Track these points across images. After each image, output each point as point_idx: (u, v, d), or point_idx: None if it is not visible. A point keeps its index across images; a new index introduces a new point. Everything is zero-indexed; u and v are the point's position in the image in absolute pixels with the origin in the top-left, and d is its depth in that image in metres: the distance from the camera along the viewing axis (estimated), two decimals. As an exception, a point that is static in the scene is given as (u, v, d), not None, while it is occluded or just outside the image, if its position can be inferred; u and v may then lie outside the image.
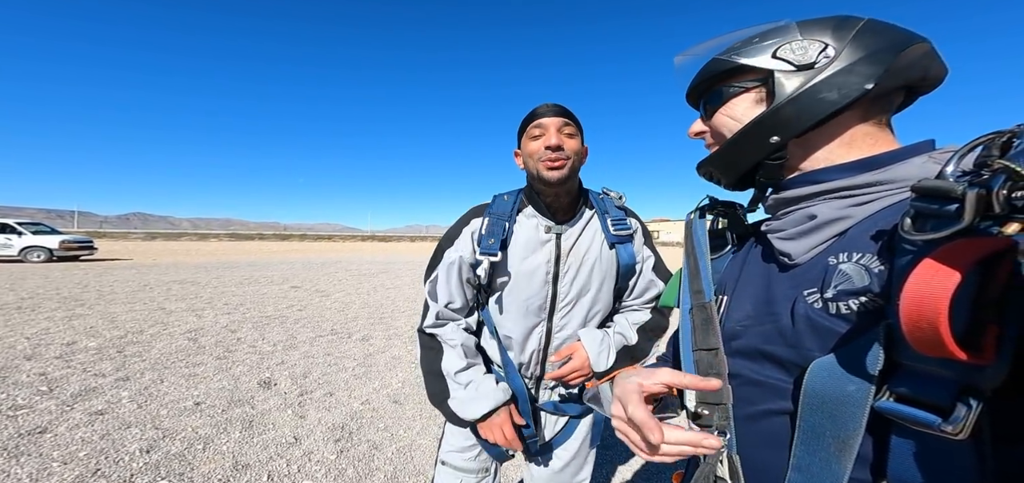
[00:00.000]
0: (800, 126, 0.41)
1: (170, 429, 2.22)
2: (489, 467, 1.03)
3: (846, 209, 0.40)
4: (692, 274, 0.56)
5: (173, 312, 5.33)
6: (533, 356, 0.94)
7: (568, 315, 0.92)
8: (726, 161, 0.48)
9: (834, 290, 0.37)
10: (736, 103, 0.46)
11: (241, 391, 2.79)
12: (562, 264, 0.91)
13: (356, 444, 2.18)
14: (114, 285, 7.62)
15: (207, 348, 3.77)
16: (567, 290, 0.92)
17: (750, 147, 0.44)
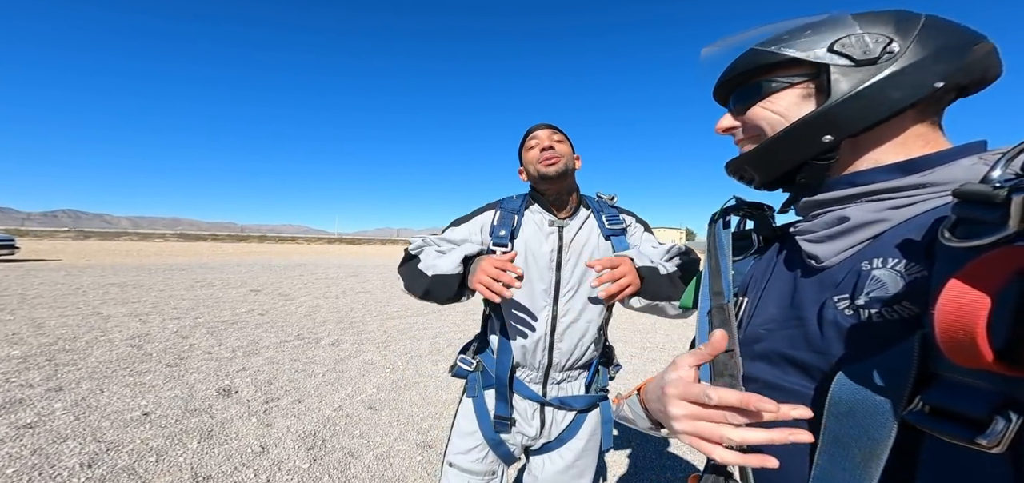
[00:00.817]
0: (859, 124, 0.39)
1: (115, 441, 2.01)
2: (496, 469, 1.04)
3: (883, 212, 0.38)
4: (713, 274, 0.54)
5: (112, 317, 4.83)
6: (541, 342, 0.98)
7: (571, 300, 0.99)
8: (767, 159, 0.45)
9: (866, 297, 0.35)
10: (780, 98, 0.43)
11: (197, 400, 2.58)
12: (565, 253, 1.00)
13: (330, 452, 2.08)
14: (40, 288, 6.79)
15: (155, 355, 3.45)
16: (569, 276, 0.99)
17: (799, 145, 0.41)
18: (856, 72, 0.38)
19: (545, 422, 1.03)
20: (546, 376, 1.01)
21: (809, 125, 0.40)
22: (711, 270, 0.55)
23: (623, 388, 2.99)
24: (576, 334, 0.99)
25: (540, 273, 0.99)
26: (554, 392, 1.02)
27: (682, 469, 2.14)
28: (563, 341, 0.99)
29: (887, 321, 0.34)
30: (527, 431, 1.03)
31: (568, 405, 1.02)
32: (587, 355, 1.03)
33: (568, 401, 1.02)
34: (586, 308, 1.00)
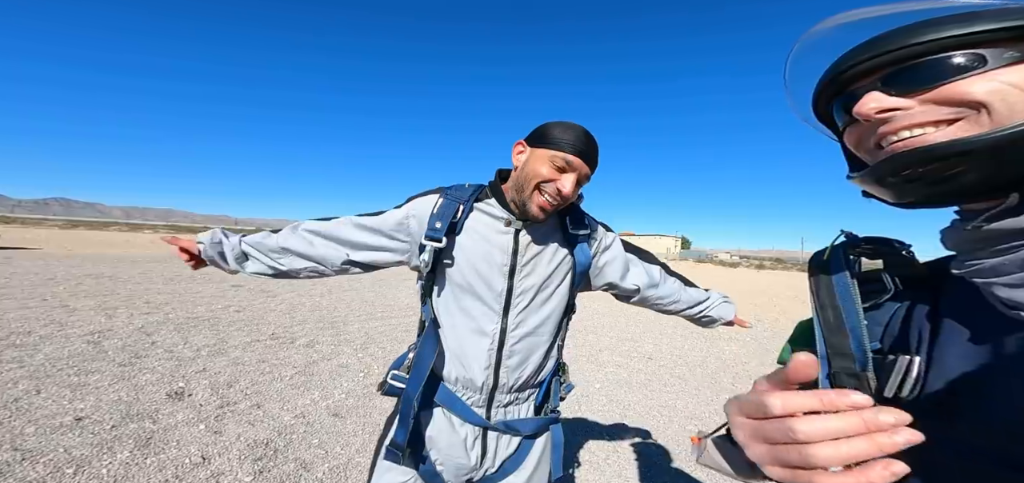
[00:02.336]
0: None
1: (34, 449, 1.79)
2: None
3: None
4: (830, 329, 0.43)
5: (77, 311, 4.60)
6: (485, 357, 0.84)
7: (524, 311, 0.85)
8: (1015, 151, 0.34)
9: None
10: (1015, 71, 0.33)
11: (142, 403, 2.36)
12: (520, 257, 0.85)
13: (280, 463, 1.89)
14: (11, 278, 6.51)
15: (110, 353, 3.23)
16: (524, 285, 0.85)
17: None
18: None
19: (487, 450, 0.87)
20: (491, 398, 0.86)
21: None
22: (829, 326, 0.44)
23: (585, 407, 2.78)
24: (527, 350, 0.86)
25: (488, 279, 0.84)
26: (500, 415, 0.87)
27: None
28: (512, 358, 0.85)
29: None
30: (461, 462, 0.86)
31: (514, 430, 0.87)
32: (539, 374, 0.89)
33: (515, 425, 0.87)
34: (542, 321, 0.86)
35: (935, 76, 0.35)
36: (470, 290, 0.84)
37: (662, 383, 3.68)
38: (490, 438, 0.87)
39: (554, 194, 0.78)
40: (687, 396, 3.40)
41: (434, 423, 0.87)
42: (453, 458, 0.86)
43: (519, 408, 0.89)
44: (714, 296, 1.13)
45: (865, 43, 0.38)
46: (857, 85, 0.39)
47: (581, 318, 6.52)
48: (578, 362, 4.10)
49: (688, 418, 2.94)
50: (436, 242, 0.82)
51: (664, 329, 6.14)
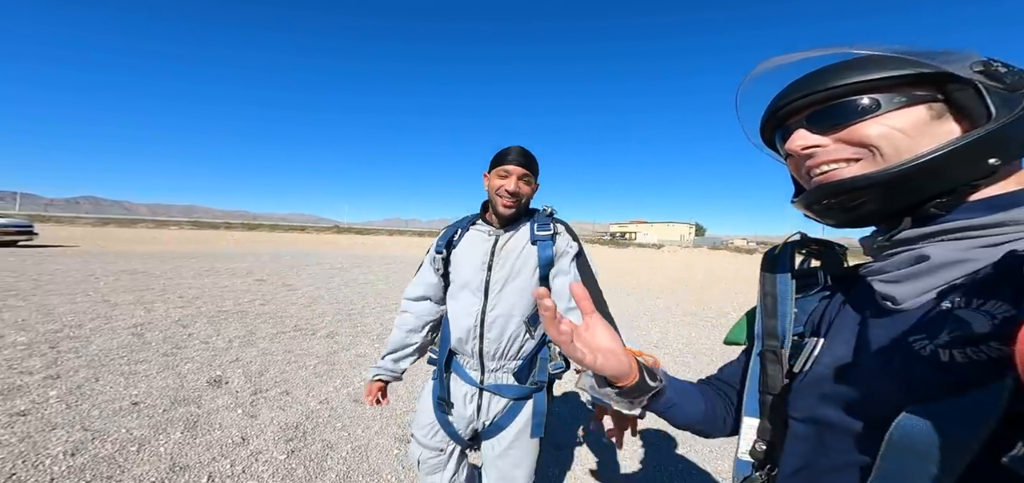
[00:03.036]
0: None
1: (101, 431, 2.07)
2: (445, 447, 1.20)
3: (969, 251, 0.37)
4: (767, 314, 0.53)
5: (118, 305, 4.98)
6: (472, 331, 1.13)
7: (499, 295, 1.12)
8: (905, 184, 0.39)
9: (948, 336, 0.34)
10: (903, 115, 0.39)
11: (187, 390, 2.64)
12: (496, 257, 1.14)
13: (309, 444, 2.12)
14: (54, 274, 7.03)
15: (153, 344, 3.54)
16: (498, 276, 1.13)
17: (956, 168, 0.38)
18: (1009, 97, 0.37)
19: (481, 407, 1.15)
20: (482, 364, 1.14)
21: (978, 146, 0.37)
22: (766, 310, 0.53)
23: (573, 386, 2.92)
24: (502, 325, 1.11)
25: (473, 273, 1.15)
26: (490, 380, 1.14)
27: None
28: (491, 331, 1.12)
29: (972, 362, 0.32)
30: (463, 413, 1.16)
31: (500, 392, 1.14)
32: (516, 346, 1.13)
33: (500, 389, 1.14)
34: (514, 304, 1.11)
35: (844, 117, 0.41)
36: (463, 283, 1.16)
37: (667, 369, 3.80)
38: (484, 398, 1.15)
39: (506, 194, 1.11)
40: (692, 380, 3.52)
41: (451, 386, 1.19)
42: (460, 412, 1.16)
43: (505, 375, 1.14)
44: None
45: (793, 84, 0.45)
46: (790, 121, 0.46)
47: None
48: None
49: None
50: (438, 254, 1.21)
51: (671, 319, 6.22)
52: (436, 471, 1.20)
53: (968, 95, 0.38)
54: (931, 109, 0.39)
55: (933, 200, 0.40)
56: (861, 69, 0.40)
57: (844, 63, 0.41)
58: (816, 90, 0.42)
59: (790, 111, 0.45)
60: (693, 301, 8.00)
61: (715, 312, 6.89)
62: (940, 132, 0.39)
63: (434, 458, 1.19)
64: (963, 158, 0.38)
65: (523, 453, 1.13)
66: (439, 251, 1.20)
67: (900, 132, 0.39)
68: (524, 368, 1.11)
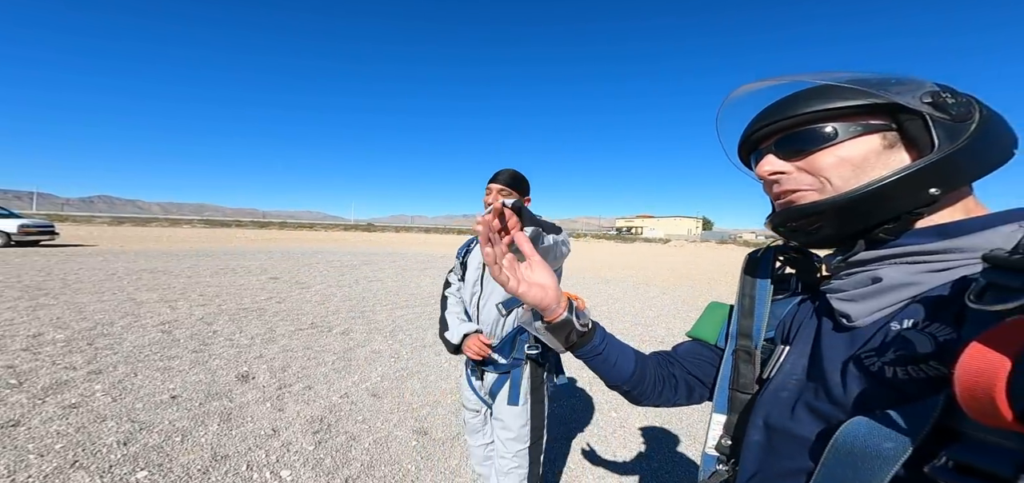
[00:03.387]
0: (965, 179, 0.39)
1: (147, 422, 2.26)
2: (479, 409, 1.55)
3: (916, 275, 0.39)
4: (743, 315, 0.55)
5: (144, 303, 5.22)
6: (474, 314, 1.46)
7: (489, 293, 1.45)
8: (850, 210, 0.42)
9: (894, 354, 0.36)
10: (853, 145, 0.41)
11: (218, 385, 2.83)
12: None
13: (334, 436, 2.28)
14: (79, 273, 7.34)
15: (182, 341, 3.75)
16: (488, 274, 1.43)
17: (899, 197, 0.40)
18: (954, 128, 0.38)
19: (483, 378, 1.48)
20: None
21: (919, 176, 0.39)
22: (743, 310, 0.55)
23: (597, 385, 3.04)
24: (487, 308, 1.42)
25: (475, 273, 1.49)
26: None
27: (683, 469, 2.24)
28: (483, 313, 1.44)
29: (913, 380, 0.35)
30: (477, 384, 1.50)
31: (490, 368, 1.45)
32: (498, 327, 1.41)
33: (495, 366, 1.43)
34: (493, 290, 1.41)
35: (806, 144, 0.44)
36: (470, 279, 1.49)
37: None
38: (485, 375, 1.47)
39: (489, 206, 1.38)
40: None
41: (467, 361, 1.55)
42: (471, 379, 1.52)
43: (495, 352, 1.41)
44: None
45: (764, 111, 0.47)
46: (762, 145, 0.48)
47: (596, 304, 6.73)
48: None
49: None
50: (459, 260, 1.58)
51: (677, 314, 6.30)
52: (476, 430, 1.58)
53: (917, 125, 0.39)
54: (884, 138, 0.41)
55: (881, 226, 0.42)
56: (822, 98, 0.42)
57: (811, 90, 0.43)
58: (783, 117, 0.44)
59: (761, 136, 0.48)
60: (700, 297, 8.06)
61: None
62: (891, 161, 0.41)
63: (473, 417, 1.56)
64: (903, 188, 0.39)
65: (511, 417, 1.38)
66: (458, 257, 1.59)
67: (848, 163, 0.42)
68: (506, 346, 1.39)
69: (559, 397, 2.91)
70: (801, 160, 0.44)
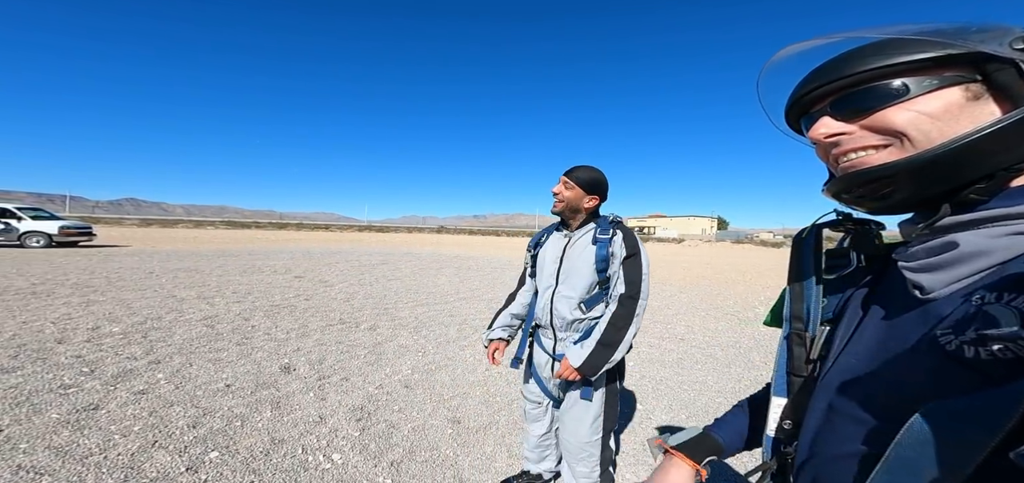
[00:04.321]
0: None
1: (209, 408, 2.48)
2: (541, 401, 1.64)
3: (1000, 240, 0.35)
4: (794, 297, 0.53)
5: (185, 300, 5.55)
6: (547, 307, 1.49)
7: (565, 282, 1.46)
8: (931, 171, 0.37)
9: (975, 332, 0.33)
10: (930, 99, 0.37)
11: (265, 375, 3.05)
12: (566, 253, 1.49)
13: (375, 423, 2.45)
14: (120, 272, 7.79)
15: (225, 335, 4.01)
16: (565, 267, 1.47)
17: (996, 152, 0.35)
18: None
19: (553, 371, 1.50)
20: (554, 334, 1.49)
21: (1013, 129, 0.35)
22: (793, 293, 0.53)
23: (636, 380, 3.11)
24: (565, 303, 1.45)
25: (551, 266, 1.51)
26: (560, 348, 1.49)
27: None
28: (559, 308, 1.46)
29: (998, 360, 0.32)
30: (546, 374, 1.55)
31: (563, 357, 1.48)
32: (577, 321, 1.44)
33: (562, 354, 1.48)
34: (574, 288, 1.44)
35: (870, 103, 0.39)
36: (543, 270, 1.53)
37: (694, 361, 3.89)
38: (556, 365, 1.49)
39: (555, 196, 1.47)
40: (717, 373, 3.58)
41: (535, 353, 1.59)
42: (545, 374, 1.55)
43: (568, 344, 1.44)
44: (589, 340, 1.39)
45: (814, 71, 0.43)
46: (815, 108, 0.44)
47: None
48: (608, 345, 4.45)
49: (718, 393, 3.13)
50: (529, 252, 1.64)
51: (696, 312, 6.33)
52: (536, 419, 1.67)
53: (1008, 74, 0.35)
54: (968, 90, 0.37)
55: (971, 186, 0.37)
56: (886, 53, 0.38)
57: (869, 46, 0.40)
58: (840, 76, 0.40)
59: (814, 98, 0.43)
60: (718, 296, 8.03)
61: (741, 305, 6.94)
62: (979, 114, 0.36)
63: (534, 408, 1.66)
64: (997, 142, 0.35)
65: (583, 410, 1.45)
66: (529, 250, 1.64)
67: (929, 117, 0.37)
68: (582, 340, 1.42)
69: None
70: (865, 119, 0.40)
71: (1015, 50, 0.35)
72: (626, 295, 1.37)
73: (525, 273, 1.68)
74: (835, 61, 0.42)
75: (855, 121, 0.41)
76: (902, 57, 0.38)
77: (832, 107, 0.42)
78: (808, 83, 0.44)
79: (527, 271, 1.67)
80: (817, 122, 0.43)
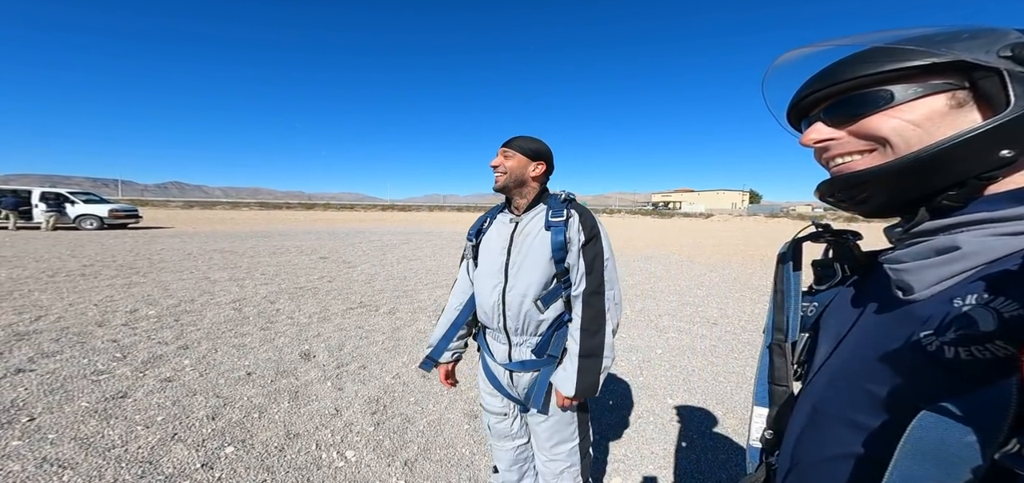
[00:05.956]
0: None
1: (229, 397, 2.49)
2: (507, 411, 1.36)
3: (990, 242, 0.36)
4: (776, 309, 0.56)
5: (217, 282, 5.76)
6: (495, 307, 1.24)
7: (516, 275, 1.22)
8: (907, 176, 0.39)
9: (955, 333, 0.34)
10: (914, 107, 0.38)
11: (285, 362, 3.06)
12: (514, 240, 1.25)
13: (390, 417, 2.39)
14: (162, 253, 8.24)
15: (251, 319, 4.10)
16: (515, 258, 1.24)
17: (965, 160, 0.37)
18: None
19: (513, 380, 1.30)
20: (508, 338, 1.26)
21: (989, 136, 0.36)
22: (776, 305, 0.56)
23: (647, 373, 2.90)
24: (517, 302, 1.21)
25: (495, 256, 1.26)
26: (516, 353, 1.26)
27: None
28: (511, 308, 1.22)
29: (976, 360, 0.32)
30: (504, 381, 1.30)
31: (523, 367, 1.26)
32: (533, 322, 1.22)
33: (523, 364, 1.26)
34: (528, 283, 1.20)
35: (857, 109, 0.41)
36: (485, 261, 1.28)
37: (729, 349, 3.62)
38: (514, 374, 1.29)
39: (495, 167, 1.24)
40: (756, 363, 3.38)
41: (486, 358, 1.34)
42: (504, 379, 1.30)
43: (526, 349, 1.24)
44: (569, 359, 1.20)
45: (813, 76, 0.45)
46: (812, 112, 0.47)
47: (637, 282, 6.52)
48: (637, 327, 4.22)
49: None
50: (470, 241, 1.36)
51: (730, 292, 5.94)
52: (504, 436, 1.38)
53: (993, 83, 0.36)
54: (953, 98, 0.38)
55: (943, 193, 0.39)
56: (874, 60, 0.40)
57: (860, 54, 0.41)
58: (831, 83, 0.43)
59: (810, 102, 0.46)
60: (752, 274, 7.53)
61: None
62: (960, 122, 0.37)
63: (500, 422, 1.37)
64: (970, 149, 0.36)
65: (559, 423, 1.27)
66: (470, 239, 1.36)
67: (911, 125, 0.39)
68: (542, 345, 1.23)
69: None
70: (853, 125, 0.42)
71: (1001, 58, 0.35)
72: (590, 291, 1.18)
73: (464, 267, 1.41)
74: (829, 68, 0.43)
75: (844, 127, 0.43)
76: (887, 65, 0.39)
77: (825, 112, 0.45)
78: (805, 88, 0.46)
79: (465, 264, 1.40)
80: (809, 128, 0.46)
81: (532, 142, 1.25)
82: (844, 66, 0.42)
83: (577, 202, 1.27)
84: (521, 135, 1.25)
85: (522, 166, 1.24)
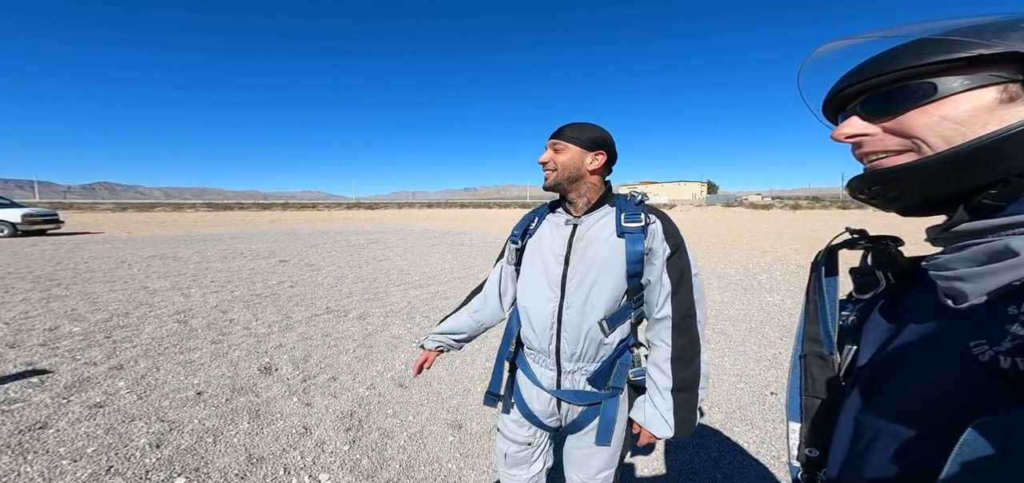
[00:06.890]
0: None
1: (176, 421, 2.20)
2: (533, 440, 1.16)
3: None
4: (809, 318, 0.54)
5: (157, 292, 5.17)
6: (548, 328, 1.05)
7: (577, 290, 1.03)
8: (946, 173, 0.38)
9: (1012, 343, 0.32)
10: (958, 102, 0.37)
11: (242, 378, 2.77)
12: (574, 247, 1.05)
13: (367, 432, 2.22)
14: (89, 262, 7.29)
15: (199, 331, 3.69)
16: (575, 269, 1.04)
17: (1007, 157, 0.35)
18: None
19: (562, 407, 1.10)
20: (558, 364, 1.07)
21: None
22: (809, 315, 0.54)
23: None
24: (577, 322, 1.02)
25: (549, 265, 1.07)
26: (566, 382, 1.07)
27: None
28: (569, 329, 1.03)
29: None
30: (543, 409, 1.11)
31: (577, 399, 1.07)
32: (594, 346, 1.03)
33: (578, 395, 1.07)
34: (588, 301, 1.01)
35: (896, 105, 0.40)
36: (535, 271, 1.08)
37: (706, 341, 3.76)
38: (562, 405, 1.09)
39: (544, 167, 1.07)
40: (734, 353, 3.32)
41: (519, 383, 1.15)
42: (539, 407, 1.11)
43: (581, 377, 1.05)
44: (658, 394, 1.03)
45: (852, 70, 0.44)
46: (850, 105, 0.45)
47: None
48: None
49: (738, 377, 2.88)
50: (514, 244, 1.15)
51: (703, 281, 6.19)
52: (520, 464, 1.19)
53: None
54: (1005, 91, 0.36)
55: (984, 191, 0.37)
56: (916, 53, 0.38)
57: (902, 47, 0.39)
58: (870, 76, 0.41)
59: (847, 96, 0.44)
60: (718, 262, 7.91)
61: (743, 273, 6.80)
62: (1010, 116, 0.36)
63: (520, 451, 1.17)
64: (1013, 145, 0.35)
65: (600, 455, 1.11)
66: (514, 241, 1.15)
67: (949, 121, 0.37)
68: (602, 373, 1.04)
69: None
70: (890, 120, 0.41)
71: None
72: (682, 315, 1.01)
73: (499, 273, 1.23)
74: (869, 61, 0.42)
75: (880, 122, 0.42)
76: (932, 58, 0.37)
77: (862, 106, 0.43)
78: (842, 81, 0.45)
79: (501, 271, 1.22)
80: (844, 122, 0.45)
81: (587, 129, 1.05)
82: (887, 58, 0.40)
83: (654, 206, 1.09)
84: (573, 123, 1.07)
85: (577, 159, 1.04)
